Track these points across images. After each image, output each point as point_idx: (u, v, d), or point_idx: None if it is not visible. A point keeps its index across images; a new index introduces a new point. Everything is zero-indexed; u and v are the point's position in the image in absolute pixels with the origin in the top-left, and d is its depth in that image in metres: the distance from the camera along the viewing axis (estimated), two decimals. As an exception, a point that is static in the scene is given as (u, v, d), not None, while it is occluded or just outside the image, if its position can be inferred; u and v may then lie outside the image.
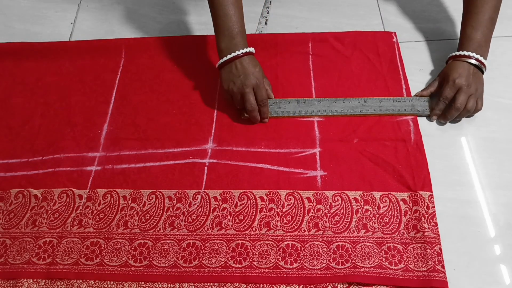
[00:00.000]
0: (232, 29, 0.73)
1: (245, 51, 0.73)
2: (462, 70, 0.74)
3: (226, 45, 0.74)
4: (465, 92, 0.73)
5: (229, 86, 0.74)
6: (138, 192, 0.73)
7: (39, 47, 0.91)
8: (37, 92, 0.86)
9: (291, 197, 0.70)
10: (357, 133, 0.76)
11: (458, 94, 0.73)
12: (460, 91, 0.73)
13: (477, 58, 0.73)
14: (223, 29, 0.74)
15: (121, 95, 0.84)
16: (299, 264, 0.65)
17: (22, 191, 0.74)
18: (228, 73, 0.74)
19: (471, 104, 0.73)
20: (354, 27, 0.90)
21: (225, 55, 0.74)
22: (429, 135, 0.75)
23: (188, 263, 0.66)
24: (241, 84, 0.73)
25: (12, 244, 0.69)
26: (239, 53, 0.73)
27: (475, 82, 0.73)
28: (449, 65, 0.76)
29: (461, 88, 0.73)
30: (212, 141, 0.77)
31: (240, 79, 0.73)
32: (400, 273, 0.63)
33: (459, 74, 0.73)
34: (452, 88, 0.73)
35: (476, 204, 0.69)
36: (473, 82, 0.73)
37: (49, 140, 0.79)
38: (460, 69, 0.74)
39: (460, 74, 0.73)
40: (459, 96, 0.73)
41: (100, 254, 0.67)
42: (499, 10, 0.76)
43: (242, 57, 0.73)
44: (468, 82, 0.73)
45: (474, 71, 0.74)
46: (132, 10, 0.99)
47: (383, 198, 0.69)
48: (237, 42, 0.73)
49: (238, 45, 0.73)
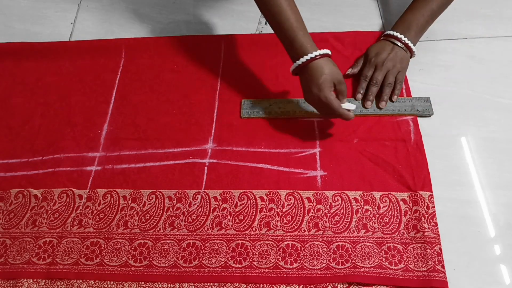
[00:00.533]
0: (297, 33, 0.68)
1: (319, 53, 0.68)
2: (382, 49, 0.78)
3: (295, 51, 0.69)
4: (381, 69, 0.77)
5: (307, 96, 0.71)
6: (138, 192, 0.73)
7: (39, 47, 0.91)
8: (37, 92, 0.86)
9: (291, 197, 0.70)
10: (357, 133, 0.76)
11: (376, 72, 0.77)
12: (377, 68, 0.77)
13: (401, 39, 0.77)
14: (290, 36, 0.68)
15: (121, 95, 0.84)
16: (299, 264, 0.65)
17: (22, 191, 0.74)
18: (304, 82, 0.70)
19: (390, 79, 0.77)
20: (354, 27, 0.90)
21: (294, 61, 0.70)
22: (429, 135, 0.75)
23: (188, 263, 0.66)
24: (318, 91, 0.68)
25: (12, 244, 0.69)
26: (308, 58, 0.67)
27: (392, 60, 0.77)
28: (375, 44, 0.81)
29: (377, 65, 0.77)
30: (212, 141, 0.77)
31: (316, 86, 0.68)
32: (400, 273, 0.63)
33: (376, 53, 0.78)
34: (369, 67, 0.78)
35: (476, 204, 0.69)
36: (391, 60, 0.77)
37: (49, 140, 0.79)
38: (380, 48, 0.79)
39: (377, 53, 0.78)
40: (376, 73, 0.77)
41: (100, 254, 0.67)
42: (444, 9, 0.79)
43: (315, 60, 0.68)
44: (383, 60, 0.77)
45: (396, 50, 0.77)
46: (132, 10, 0.99)
47: (383, 198, 0.69)
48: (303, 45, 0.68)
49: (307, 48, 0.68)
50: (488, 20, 0.90)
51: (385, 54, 0.78)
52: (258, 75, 0.84)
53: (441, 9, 0.79)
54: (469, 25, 0.89)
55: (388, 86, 0.77)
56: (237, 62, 0.86)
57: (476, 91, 0.81)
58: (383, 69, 0.77)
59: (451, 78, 0.82)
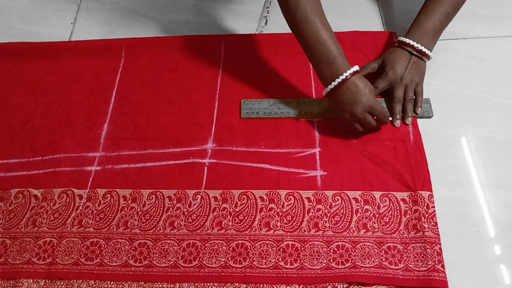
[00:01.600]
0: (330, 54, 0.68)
1: (351, 71, 0.68)
2: (398, 60, 0.75)
3: (328, 72, 0.69)
4: (400, 85, 0.75)
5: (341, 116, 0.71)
6: (138, 192, 0.73)
7: (39, 47, 0.91)
8: (37, 92, 0.86)
9: (291, 197, 0.70)
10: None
11: (395, 90, 0.75)
12: (396, 86, 0.75)
13: (417, 47, 0.74)
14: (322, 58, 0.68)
15: (121, 95, 0.84)
16: (299, 264, 0.65)
17: (22, 191, 0.74)
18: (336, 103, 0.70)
19: (411, 94, 0.75)
20: (354, 27, 0.90)
21: (329, 83, 0.69)
22: (429, 135, 0.75)
23: (188, 263, 0.66)
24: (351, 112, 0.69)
25: (12, 244, 0.69)
26: (343, 77, 0.68)
27: (410, 73, 0.75)
28: (391, 52, 0.78)
29: (395, 82, 0.75)
30: (212, 141, 0.77)
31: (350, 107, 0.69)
32: (400, 273, 0.63)
33: (392, 66, 0.75)
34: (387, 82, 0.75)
35: (476, 204, 0.69)
36: (409, 73, 0.75)
37: (49, 140, 0.79)
38: (396, 58, 0.76)
39: (394, 67, 0.75)
40: (396, 91, 0.75)
41: (100, 254, 0.67)
42: (458, 10, 0.77)
43: (349, 79, 0.68)
44: (401, 75, 0.75)
45: (413, 61, 0.75)
46: (132, 10, 0.99)
47: (383, 198, 0.69)
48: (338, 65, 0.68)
49: (340, 68, 0.68)
50: (488, 20, 0.90)
51: (403, 68, 0.75)
52: (258, 75, 0.84)
53: (455, 11, 0.76)
54: (469, 25, 0.89)
55: (410, 101, 0.75)
56: (237, 62, 0.87)
57: (476, 91, 0.81)
58: (401, 85, 0.75)
59: (451, 78, 0.82)
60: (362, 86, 0.68)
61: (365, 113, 0.70)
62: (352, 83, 0.68)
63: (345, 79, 0.68)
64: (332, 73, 0.68)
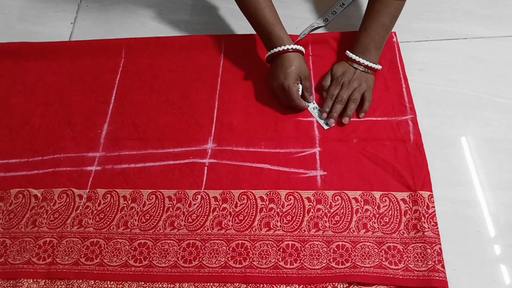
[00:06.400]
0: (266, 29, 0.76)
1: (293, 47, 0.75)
2: (347, 69, 0.79)
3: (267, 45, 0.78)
4: (347, 88, 0.77)
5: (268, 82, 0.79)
6: (138, 192, 0.73)
7: (39, 47, 0.91)
8: (37, 92, 0.86)
9: (291, 197, 0.70)
10: (356, 133, 0.76)
11: (341, 90, 0.77)
12: (343, 87, 0.77)
13: (362, 63, 0.77)
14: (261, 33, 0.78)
15: (121, 95, 0.84)
16: (299, 264, 0.65)
17: (22, 191, 0.74)
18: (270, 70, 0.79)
19: (356, 95, 0.76)
20: (354, 27, 0.90)
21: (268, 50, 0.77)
22: (429, 135, 0.75)
23: (188, 263, 0.66)
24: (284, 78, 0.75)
25: (12, 244, 0.69)
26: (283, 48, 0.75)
27: (358, 79, 0.77)
28: (338, 63, 0.81)
29: (343, 84, 0.77)
30: (212, 141, 0.77)
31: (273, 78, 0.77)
32: (400, 273, 0.63)
33: (342, 73, 0.78)
34: (336, 85, 0.78)
35: (476, 204, 0.69)
36: (357, 79, 0.77)
37: (49, 140, 0.79)
38: (345, 68, 0.79)
39: (343, 73, 0.78)
40: (341, 91, 0.77)
41: (100, 254, 0.67)
42: (397, 18, 0.79)
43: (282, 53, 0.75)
44: (349, 79, 0.77)
45: (358, 72, 0.78)
46: (132, 10, 0.99)
47: (383, 198, 0.69)
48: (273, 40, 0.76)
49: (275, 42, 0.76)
50: (488, 20, 0.90)
51: (351, 74, 0.78)
52: (258, 75, 0.84)
53: (393, 21, 0.79)
54: (469, 25, 0.89)
55: (354, 101, 0.76)
56: (237, 62, 0.87)
57: (476, 91, 0.81)
58: (349, 87, 0.77)
59: (451, 78, 0.82)
60: (288, 64, 0.75)
61: (284, 88, 0.75)
62: (285, 58, 0.76)
63: (277, 52, 0.75)
64: (269, 46, 0.77)
